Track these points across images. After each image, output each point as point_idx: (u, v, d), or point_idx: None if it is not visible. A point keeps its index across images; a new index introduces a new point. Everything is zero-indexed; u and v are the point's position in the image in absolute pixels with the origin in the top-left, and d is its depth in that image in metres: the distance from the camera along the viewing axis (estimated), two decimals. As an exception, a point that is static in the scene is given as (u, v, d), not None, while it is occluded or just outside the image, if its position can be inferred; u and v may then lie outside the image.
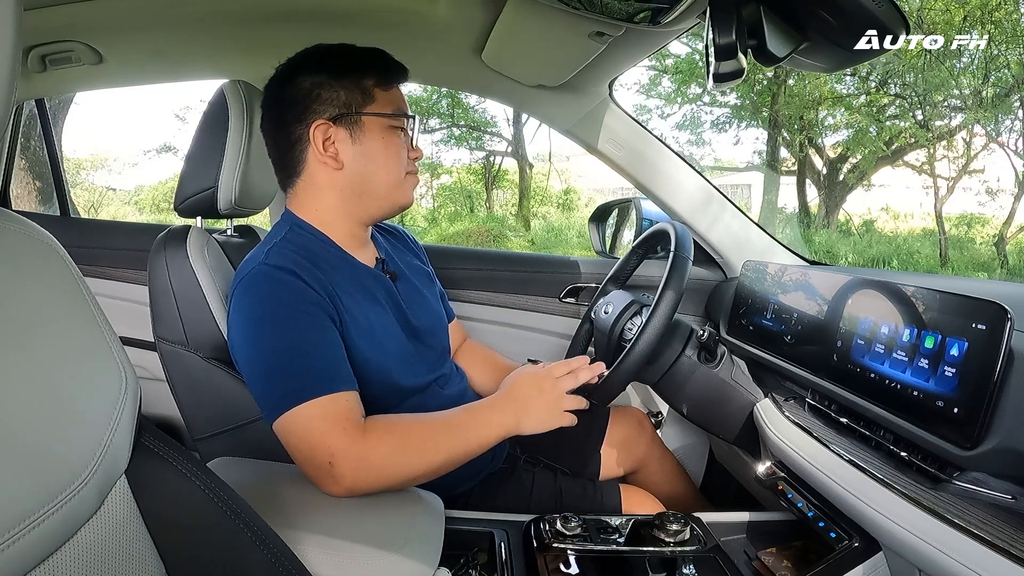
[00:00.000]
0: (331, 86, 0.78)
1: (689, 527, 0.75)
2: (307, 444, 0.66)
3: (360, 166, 0.79)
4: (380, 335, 0.79)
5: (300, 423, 0.66)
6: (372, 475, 0.67)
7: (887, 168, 8.83)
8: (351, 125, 0.78)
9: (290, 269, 0.72)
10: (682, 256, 0.84)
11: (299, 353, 0.69)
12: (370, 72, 0.79)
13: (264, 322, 0.70)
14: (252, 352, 0.71)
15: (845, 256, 7.85)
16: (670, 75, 9.51)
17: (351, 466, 0.65)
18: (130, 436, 0.44)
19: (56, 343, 0.40)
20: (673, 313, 0.80)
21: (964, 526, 0.52)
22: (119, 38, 1.09)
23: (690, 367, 0.89)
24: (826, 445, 0.72)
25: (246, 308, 0.72)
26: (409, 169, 0.83)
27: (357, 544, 0.60)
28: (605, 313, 0.97)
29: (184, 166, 0.90)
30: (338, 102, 0.78)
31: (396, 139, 0.80)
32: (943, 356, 0.60)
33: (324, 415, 0.67)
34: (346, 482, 0.65)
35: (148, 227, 1.46)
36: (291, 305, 0.71)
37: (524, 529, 0.77)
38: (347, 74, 0.78)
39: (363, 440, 0.67)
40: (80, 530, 0.40)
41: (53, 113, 1.81)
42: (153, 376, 1.25)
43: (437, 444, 0.70)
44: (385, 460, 0.67)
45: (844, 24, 0.63)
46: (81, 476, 0.39)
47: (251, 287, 0.72)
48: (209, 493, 0.48)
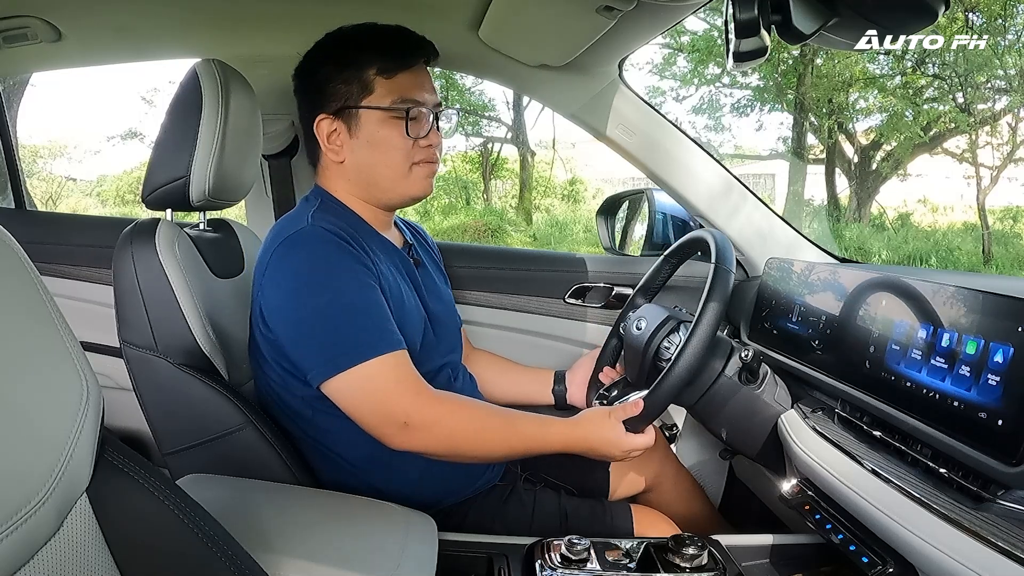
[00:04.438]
0: (333, 79, 0.85)
1: (707, 551, 0.75)
2: (378, 402, 0.75)
3: (359, 159, 0.87)
4: (408, 308, 0.85)
5: (364, 380, 0.74)
6: (441, 440, 0.76)
7: (924, 156, 8.84)
8: (349, 119, 0.85)
9: (338, 232, 0.79)
10: (724, 269, 0.84)
11: (358, 311, 0.76)
12: (371, 61, 0.84)
13: (317, 280, 0.76)
14: (301, 311, 0.76)
15: (878, 253, 7.86)
16: (686, 54, 9.52)
17: (427, 427, 0.75)
18: (92, 451, 0.44)
19: (9, 349, 0.40)
20: (716, 330, 0.80)
21: (1009, 550, 0.52)
22: (80, 12, 1.08)
23: (730, 388, 0.88)
24: (858, 461, 0.72)
25: (294, 266, 0.78)
26: (417, 159, 0.87)
27: (341, 570, 0.60)
28: (638, 329, 0.97)
29: (152, 154, 0.90)
30: (339, 95, 0.85)
31: (395, 130, 0.85)
32: (986, 363, 0.60)
33: (395, 374, 0.75)
34: (416, 441, 0.75)
35: (112, 221, 1.46)
36: (345, 264, 0.78)
37: (525, 553, 0.77)
38: (349, 65, 0.84)
39: (439, 405, 0.77)
40: (37, 553, 0.40)
41: (7, 96, 1.81)
42: (118, 385, 1.25)
43: (503, 436, 0.80)
44: (459, 432, 0.77)
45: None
46: (38, 495, 0.39)
47: (299, 246, 0.78)
48: (179, 514, 0.48)
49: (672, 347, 0.93)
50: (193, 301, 0.85)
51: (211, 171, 0.87)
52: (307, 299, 0.76)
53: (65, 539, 0.42)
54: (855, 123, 9.02)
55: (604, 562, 0.75)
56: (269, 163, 1.42)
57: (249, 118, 0.93)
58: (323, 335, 0.75)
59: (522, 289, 1.33)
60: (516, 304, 1.33)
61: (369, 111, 0.84)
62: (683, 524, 0.94)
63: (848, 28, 0.68)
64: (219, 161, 0.87)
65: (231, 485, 0.77)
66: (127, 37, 1.18)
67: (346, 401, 0.76)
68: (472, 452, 0.80)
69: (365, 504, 0.74)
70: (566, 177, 11.88)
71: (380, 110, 0.84)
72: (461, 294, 1.32)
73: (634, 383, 0.99)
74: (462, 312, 1.31)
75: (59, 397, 0.43)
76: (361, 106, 0.84)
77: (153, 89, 12.32)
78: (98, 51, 1.25)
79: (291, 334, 0.78)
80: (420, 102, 0.86)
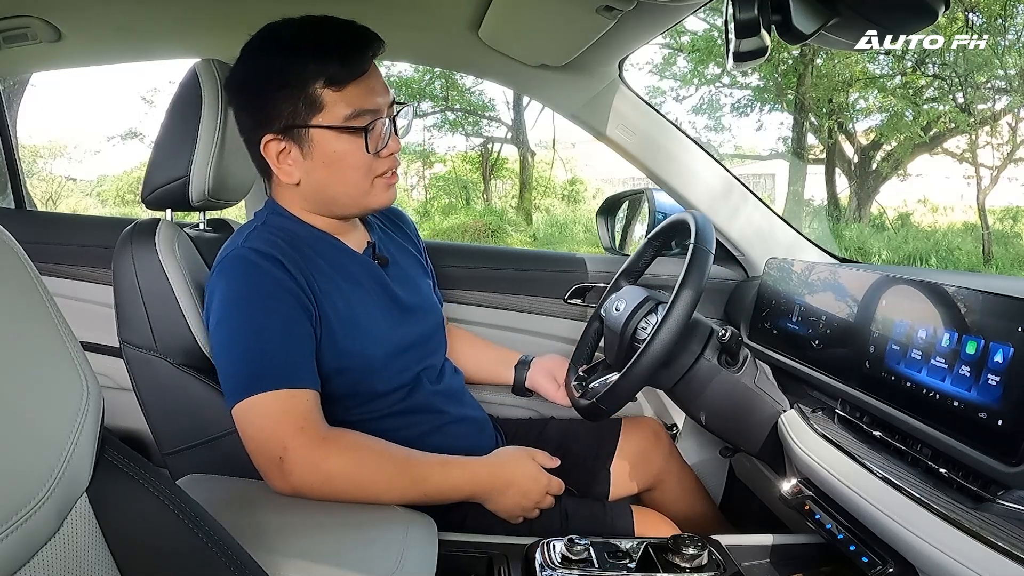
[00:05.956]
0: (274, 96, 0.76)
1: (707, 551, 0.75)
2: (261, 434, 0.72)
3: (316, 180, 0.80)
4: (363, 322, 0.82)
5: (257, 412, 0.72)
6: (320, 483, 0.72)
7: (924, 156, 8.83)
8: (299, 138, 0.77)
9: (269, 254, 0.76)
10: (703, 249, 0.83)
11: (264, 341, 0.74)
12: (317, 71, 0.74)
13: (236, 306, 0.75)
14: (222, 335, 0.76)
15: (878, 253, 7.86)
16: (686, 54, 9.52)
17: (301, 467, 0.71)
18: (92, 451, 0.44)
19: (9, 349, 0.40)
20: (692, 311, 0.80)
21: (1009, 550, 0.52)
22: (79, 13, 1.08)
23: (709, 371, 0.88)
24: (857, 460, 0.72)
25: (221, 290, 0.76)
26: (380, 171, 0.81)
27: (342, 570, 0.60)
28: (616, 311, 0.97)
29: (152, 154, 0.90)
30: (283, 114, 0.76)
31: (352, 146, 0.77)
32: (986, 363, 0.60)
33: (282, 408, 0.72)
34: (293, 480, 0.71)
35: (112, 221, 1.46)
36: (264, 291, 0.75)
37: (525, 553, 0.77)
38: (290, 80, 0.75)
39: (321, 445, 0.72)
40: (37, 554, 0.40)
41: (7, 95, 1.81)
42: (118, 385, 1.25)
43: (392, 484, 0.75)
44: (337, 474, 0.72)
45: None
46: (38, 495, 0.39)
47: (227, 270, 0.77)
48: (179, 514, 0.48)
49: (649, 328, 0.92)
50: (193, 301, 0.85)
51: (211, 171, 0.87)
52: (225, 326, 0.75)
53: (65, 539, 0.42)
54: (855, 123, 9.03)
55: (604, 562, 0.75)
56: (269, 163, 1.42)
57: (249, 118, 0.93)
58: (233, 363, 0.74)
59: (522, 289, 1.33)
60: (516, 304, 1.33)
61: (321, 130, 0.76)
62: (684, 523, 0.94)
63: (848, 28, 0.68)
64: (219, 161, 0.87)
65: (231, 485, 0.77)
66: (127, 37, 1.18)
67: (241, 431, 0.73)
68: (355, 497, 0.73)
69: (365, 504, 0.74)
70: (566, 177, 11.88)
71: (334, 129, 0.76)
72: (461, 294, 1.32)
73: (613, 365, 0.99)
74: (462, 312, 1.31)
75: (59, 397, 0.43)
76: (311, 125, 0.76)
77: (153, 89, 12.37)
78: (98, 51, 1.25)
79: (216, 359, 0.77)
80: (375, 111, 0.77)
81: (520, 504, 0.83)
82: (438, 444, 0.84)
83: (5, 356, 0.40)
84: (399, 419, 0.85)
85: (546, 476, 0.85)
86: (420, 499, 0.77)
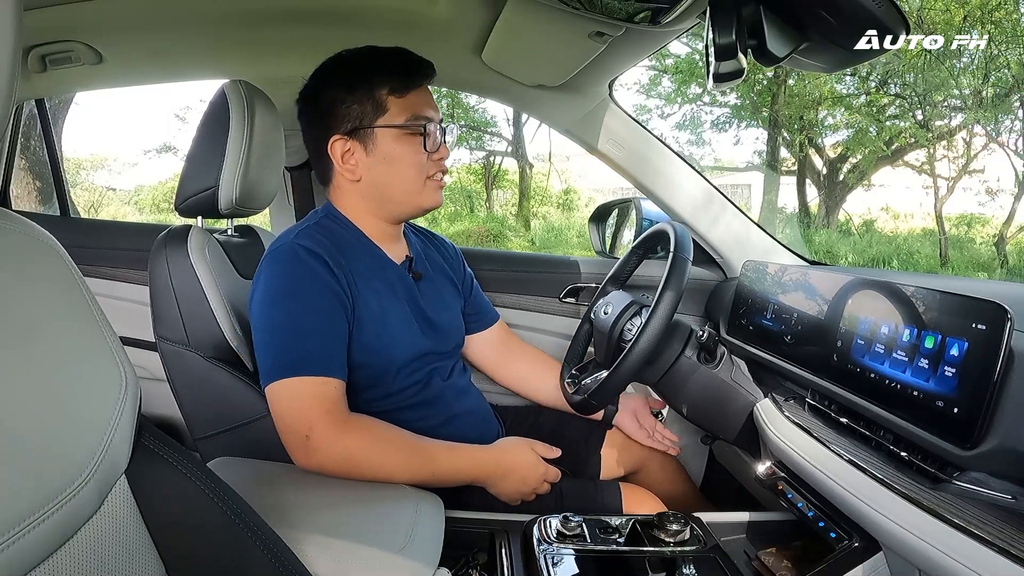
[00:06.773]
0: (345, 100, 0.81)
1: (689, 527, 0.75)
2: (292, 414, 0.73)
3: (376, 176, 0.84)
4: (391, 325, 0.84)
5: (290, 393, 0.74)
6: (340, 460, 0.73)
7: (887, 168, 8.83)
8: (364, 138, 0.82)
9: (316, 252, 0.78)
10: (682, 256, 0.84)
11: (302, 332, 0.75)
12: (383, 81, 0.81)
13: (280, 295, 0.77)
14: (263, 320, 0.77)
15: (845, 256, 7.85)
16: (670, 75, 9.51)
17: (325, 445, 0.72)
18: (130, 436, 0.45)
19: (56, 343, 0.40)
20: (672, 313, 0.80)
21: (964, 526, 0.52)
22: (119, 38, 1.08)
23: (690, 367, 0.89)
24: (826, 445, 0.72)
25: (267, 278, 0.78)
26: (431, 172, 0.85)
27: (357, 544, 0.60)
28: (605, 313, 0.97)
29: (185, 166, 0.90)
30: (352, 116, 0.81)
31: (411, 147, 0.83)
32: (943, 356, 0.60)
33: (313, 393, 0.74)
34: (317, 457, 0.73)
35: (148, 227, 1.46)
36: (307, 285, 0.76)
37: (524, 529, 0.77)
38: (359, 86, 0.81)
39: (343, 427, 0.74)
40: (80, 530, 0.40)
41: (53, 113, 1.81)
42: (153, 376, 1.25)
43: (404, 465, 0.76)
44: (356, 454, 0.74)
45: (844, 24, 0.63)
46: (81, 476, 0.39)
47: (276, 260, 0.79)
48: (209, 493, 0.48)
49: (634, 329, 0.93)
50: (221, 300, 0.85)
51: (238, 182, 0.87)
52: (268, 310, 0.77)
53: (105, 516, 0.42)
54: (824, 138, 9.01)
55: (596, 537, 0.75)
56: (291, 174, 1.42)
57: (272, 133, 0.93)
58: (272, 346, 0.76)
59: (521, 289, 1.33)
60: (516, 303, 1.33)
61: (385, 129, 0.82)
62: (668, 502, 0.94)
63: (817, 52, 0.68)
64: (245, 172, 0.87)
65: (256, 467, 0.77)
66: (162, 60, 1.18)
67: (272, 408, 0.75)
68: (371, 475, 0.74)
69: (378, 485, 0.74)
70: (561, 187, 11.86)
71: (396, 128, 0.82)
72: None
73: (602, 363, 0.99)
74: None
75: (100, 387, 0.43)
76: (376, 125, 0.81)
77: (185, 107, 12.37)
78: (136, 73, 1.25)
79: (255, 338, 0.78)
80: (431, 118, 0.84)
81: (519, 489, 0.83)
82: (448, 434, 0.84)
83: (51, 350, 0.40)
84: (413, 411, 0.86)
85: (544, 465, 0.86)
86: (429, 480, 0.77)
